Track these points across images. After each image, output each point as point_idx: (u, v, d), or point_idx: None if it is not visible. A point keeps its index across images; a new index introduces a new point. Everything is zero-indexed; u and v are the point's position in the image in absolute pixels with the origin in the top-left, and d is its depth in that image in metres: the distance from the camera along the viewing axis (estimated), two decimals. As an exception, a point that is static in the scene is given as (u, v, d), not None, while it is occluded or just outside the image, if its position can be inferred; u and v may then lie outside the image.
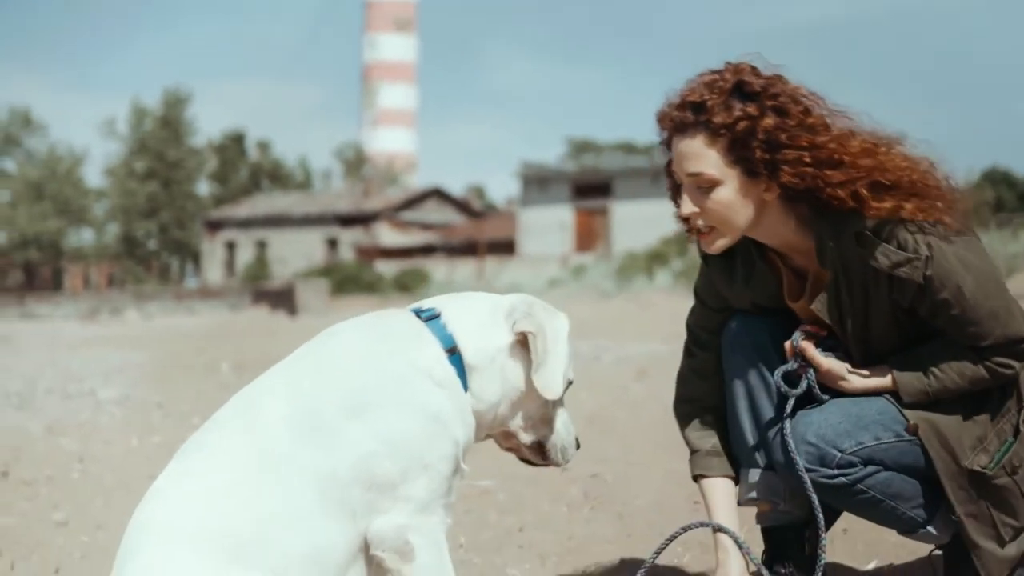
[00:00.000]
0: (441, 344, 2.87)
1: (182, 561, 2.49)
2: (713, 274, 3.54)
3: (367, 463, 2.66)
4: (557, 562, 4.43)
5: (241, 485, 2.60)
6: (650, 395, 10.65)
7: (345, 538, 2.66)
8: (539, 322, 2.91)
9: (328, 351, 2.84)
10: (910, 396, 3.25)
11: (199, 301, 40.75)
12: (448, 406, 2.80)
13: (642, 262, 35.34)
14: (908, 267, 3.17)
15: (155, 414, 10.41)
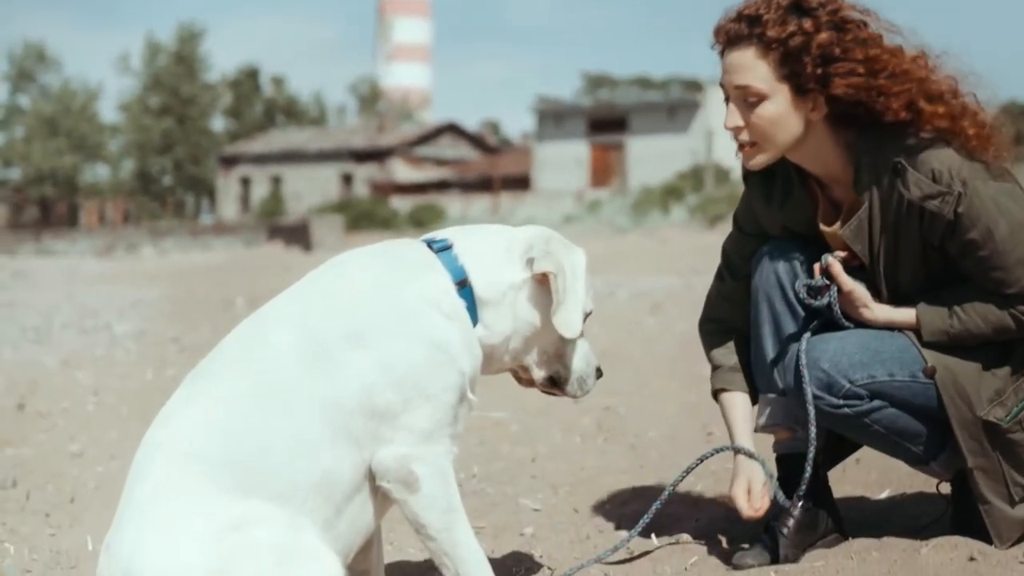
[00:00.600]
0: (451, 276, 2.85)
1: (190, 485, 2.49)
2: (752, 195, 3.53)
3: (369, 392, 2.65)
4: (569, 492, 4.44)
5: (246, 412, 2.60)
6: (664, 329, 10.67)
7: (351, 467, 2.66)
8: (558, 261, 2.88)
9: (334, 280, 2.83)
10: (931, 334, 3.23)
11: (214, 237, 40.81)
12: (455, 337, 2.78)
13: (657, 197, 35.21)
14: (939, 200, 3.14)
15: (170, 348, 10.46)
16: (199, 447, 2.55)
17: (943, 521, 3.50)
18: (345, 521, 2.67)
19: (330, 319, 2.70)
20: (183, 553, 2.41)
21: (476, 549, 2.76)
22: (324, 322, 2.70)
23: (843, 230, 3.28)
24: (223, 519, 2.45)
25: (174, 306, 15.78)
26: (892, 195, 3.21)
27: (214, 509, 2.46)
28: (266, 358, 2.67)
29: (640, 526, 3.48)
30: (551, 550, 3.68)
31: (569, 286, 2.86)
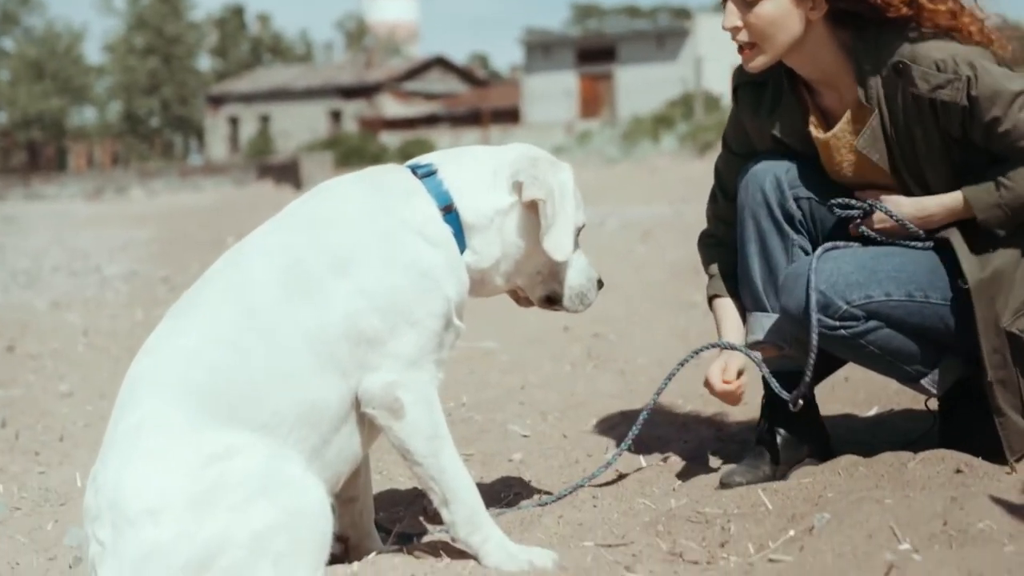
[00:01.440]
0: (436, 202, 2.82)
1: (175, 416, 2.49)
2: (741, 107, 3.50)
3: (354, 319, 2.64)
4: (559, 417, 4.44)
5: (232, 342, 2.59)
6: (654, 256, 10.65)
7: (337, 396, 2.65)
8: (546, 184, 2.85)
9: (318, 208, 2.80)
10: (983, 211, 3.16)
11: (203, 177, 40.59)
12: (440, 263, 2.76)
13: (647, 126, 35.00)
14: (949, 89, 3.11)
15: (160, 288, 10.45)
16: (184, 378, 2.54)
17: (931, 436, 3.51)
18: (333, 450, 2.67)
19: (314, 247, 2.68)
20: (169, 482, 2.40)
21: (463, 474, 2.76)
22: (308, 250, 2.68)
23: (858, 140, 3.25)
24: (208, 449, 2.45)
25: (164, 247, 15.75)
26: (900, 96, 3.17)
27: (199, 439, 2.46)
28: (251, 288, 2.65)
29: (629, 439, 3.46)
30: (540, 475, 3.69)
31: (558, 208, 2.84)
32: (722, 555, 2.79)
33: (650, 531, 2.95)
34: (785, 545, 2.75)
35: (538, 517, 3.15)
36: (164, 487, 2.40)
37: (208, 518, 2.38)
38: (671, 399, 4.57)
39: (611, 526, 3.04)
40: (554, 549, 2.81)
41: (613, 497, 3.31)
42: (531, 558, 2.72)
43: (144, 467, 2.43)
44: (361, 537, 2.98)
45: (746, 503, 3.08)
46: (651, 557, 2.79)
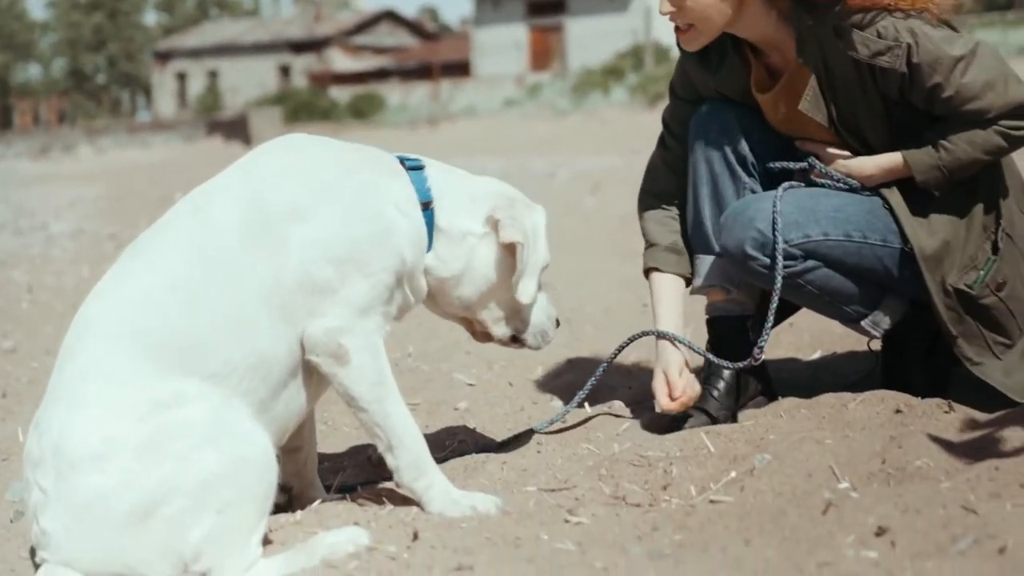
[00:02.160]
0: (416, 193, 2.81)
1: (123, 362, 2.45)
2: (687, 63, 3.50)
3: (309, 268, 2.61)
4: (504, 367, 4.45)
5: (184, 288, 2.54)
6: (604, 207, 10.68)
7: (287, 347, 2.63)
8: (523, 228, 2.85)
9: (292, 154, 2.77)
10: (922, 172, 3.19)
11: (152, 134, 40.24)
12: (404, 228, 2.75)
13: (598, 78, 34.98)
14: (889, 55, 3.12)
15: (107, 245, 10.37)
16: (133, 323, 2.49)
17: (873, 377, 3.54)
18: (281, 403, 2.65)
19: (279, 192, 2.64)
20: (114, 429, 2.37)
21: (408, 420, 2.76)
22: (272, 195, 2.64)
23: (802, 103, 3.25)
24: (156, 396, 2.42)
25: (112, 204, 15.62)
26: (839, 59, 3.18)
27: (147, 386, 2.42)
28: (208, 232, 2.60)
29: (576, 401, 3.49)
30: (485, 423, 3.69)
31: (531, 252, 2.85)
32: (664, 497, 2.80)
33: (593, 475, 2.96)
34: (726, 486, 2.77)
35: (482, 463, 3.16)
36: (110, 433, 2.37)
37: (153, 466, 2.36)
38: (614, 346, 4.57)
39: (554, 471, 3.05)
40: (497, 494, 2.82)
41: (557, 443, 3.32)
42: (474, 503, 2.73)
43: (90, 413, 2.39)
44: (305, 486, 2.97)
45: (689, 446, 3.10)
46: (594, 501, 2.80)
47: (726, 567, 2.21)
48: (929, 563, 2.15)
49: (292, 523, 2.73)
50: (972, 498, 2.43)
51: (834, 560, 2.20)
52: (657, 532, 2.48)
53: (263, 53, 60.02)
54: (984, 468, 2.59)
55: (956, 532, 2.26)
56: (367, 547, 2.47)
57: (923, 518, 2.33)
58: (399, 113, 42.00)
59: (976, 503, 2.39)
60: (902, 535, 2.28)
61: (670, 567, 2.22)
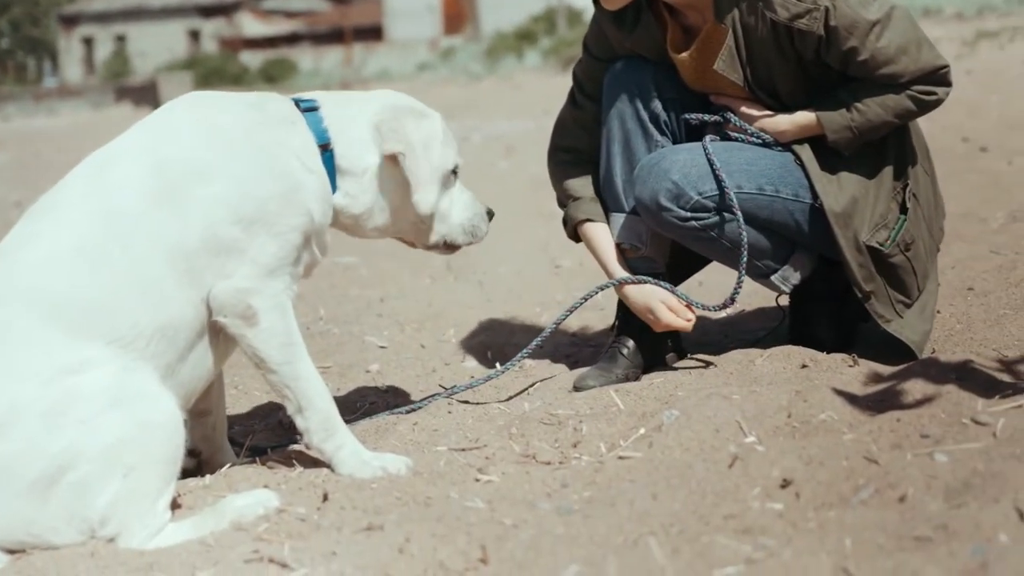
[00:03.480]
0: (315, 137, 2.79)
1: (27, 325, 2.42)
2: (602, 17, 3.47)
3: (215, 228, 2.58)
4: (416, 328, 4.44)
5: (89, 249, 2.51)
6: (517, 169, 10.67)
7: (194, 310, 2.60)
8: (407, 138, 2.82)
9: (193, 114, 2.72)
10: (834, 132, 3.23)
11: (59, 101, 39.52)
12: (311, 185, 2.73)
13: (511, 42, 34.89)
14: (807, 18, 3.14)
15: (13, 213, 10.16)
16: (36, 286, 2.46)
17: (780, 333, 3.58)
18: (188, 366, 2.63)
19: (182, 152, 2.61)
20: (18, 394, 2.34)
21: (317, 381, 2.74)
22: (176, 155, 2.60)
23: (717, 62, 3.26)
24: (61, 361, 2.39)
25: (17, 171, 15.34)
26: (757, 20, 3.19)
27: (51, 351, 2.39)
28: (112, 192, 2.56)
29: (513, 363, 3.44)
30: (396, 384, 3.69)
31: (420, 162, 2.82)
32: (574, 455, 2.82)
33: (503, 434, 2.97)
34: (635, 443, 2.79)
35: (392, 424, 3.16)
36: (13, 399, 2.34)
37: (58, 431, 2.34)
38: (529, 308, 4.60)
39: (465, 431, 3.06)
40: (408, 455, 2.82)
41: (468, 403, 3.33)
42: (384, 464, 2.72)
43: (-7, 378, 2.37)
44: (214, 451, 2.95)
45: (598, 404, 3.12)
46: (504, 459, 2.81)
47: (633, 520, 2.23)
48: (832, 513, 2.19)
49: (201, 487, 2.72)
50: (874, 449, 2.47)
51: (740, 512, 2.23)
52: (566, 489, 2.50)
53: (172, 17, 59.12)
54: (886, 420, 2.64)
55: (858, 482, 2.30)
56: (277, 509, 2.47)
57: (826, 469, 2.38)
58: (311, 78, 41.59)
59: (878, 454, 2.43)
60: (806, 486, 2.32)
61: (578, 522, 2.24)
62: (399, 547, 2.17)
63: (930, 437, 2.49)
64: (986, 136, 8.94)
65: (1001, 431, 2.47)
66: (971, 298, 3.78)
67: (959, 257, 4.52)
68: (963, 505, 2.14)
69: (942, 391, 2.78)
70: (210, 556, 2.25)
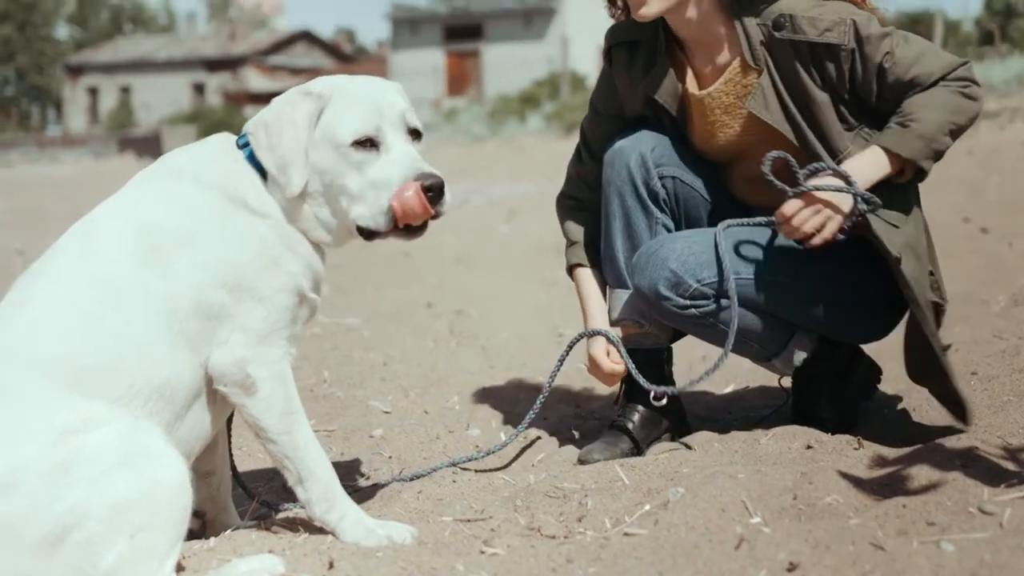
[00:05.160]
0: (256, 171, 2.74)
1: (27, 387, 2.43)
2: (615, 68, 3.51)
3: (201, 293, 2.61)
4: (420, 393, 4.45)
5: (83, 313, 2.54)
6: (518, 234, 10.71)
7: (190, 371, 2.62)
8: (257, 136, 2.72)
9: (157, 182, 2.74)
10: (910, 150, 3.15)
11: (62, 149, 39.72)
12: (270, 237, 2.70)
13: (514, 105, 35.07)
14: (836, 31, 3.17)
15: (15, 260, 10.19)
16: (35, 348, 2.48)
17: (783, 413, 3.60)
18: (186, 426, 2.64)
19: (158, 221, 2.64)
20: (21, 456, 2.34)
21: (317, 451, 2.74)
22: (152, 224, 2.63)
23: (747, 102, 3.28)
24: (63, 421, 2.39)
25: (19, 218, 15.38)
26: (784, 52, 3.22)
27: (53, 411, 2.40)
28: (101, 260, 2.59)
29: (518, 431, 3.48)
30: (400, 451, 3.69)
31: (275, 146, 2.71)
32: (579, 529, 2.82)
33: (508, 506, 2.97)
34: (641, 519, 2.79)
35: (397, 492, 3.16)
36: (15, 460, 2.34)
37: (63, 491, 2.33)
38: (532, 376, 4.61)
39: (470, 501, 3.06)
40: (413, 524, 2.82)
41: (472, 473, 3.33)
42: (390, 533, 2.72)
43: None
44: (218, 512, 2.95)
45: (604, 478, 3.12)
46: (509, 531, 2.81)
47: (640, 600, 2.23)
48: (839, 599, 2.19)
49: (206, 550, 2.71)
50: (880, 535, 2.47)
51: (746, 594, 2.23)
52: (572, 564, 2.49)
53: (177, 70, 59.49)
54: (892, 505, 2.64)
55: (864, 568, 2.30)
56: (282, 575, 2.46)
57: (833, 554, 2.38)
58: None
59: (884, 540, 2.43)
60: (812, 571, 2.32)
61: (585, 600, 2.24)
62: (406, 619, 2.16)
63: (936, 525, 2.49)
64: (987, 217, 8.99)
65: (1008, 522, 2.48)
66: (975, 383, 3.79)
67: (962, 340, 4.53)
68: (970, 596, 2.14)
69: (947, 478, 2.78)
70: (215, 621, 2.24)
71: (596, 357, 3.48)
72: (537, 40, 46.87)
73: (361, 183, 2.73)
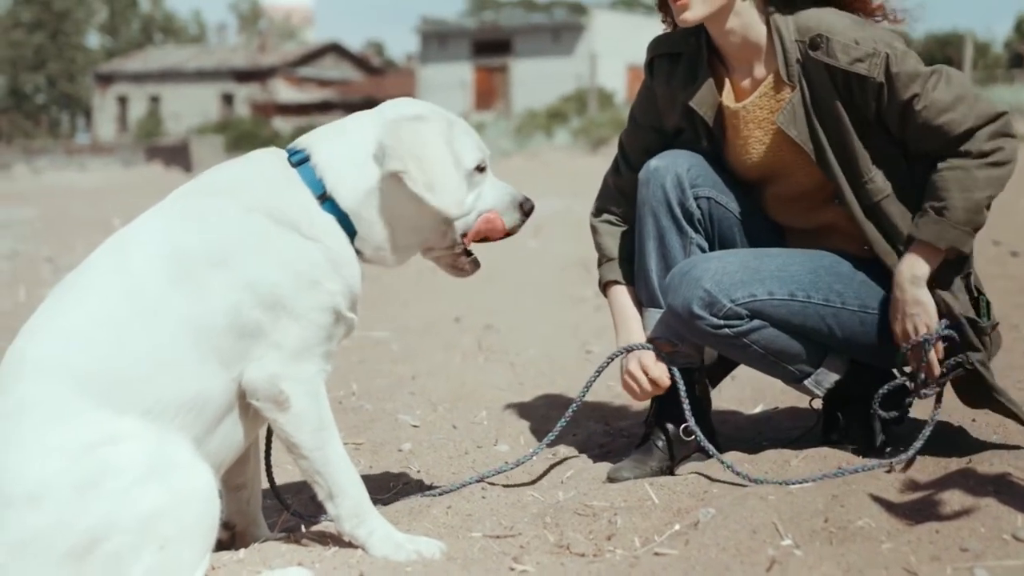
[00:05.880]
0: (311, 190, 2.76)
1: (57, 399, 2.44)
2: (656, 77, 3.51)
3: (237, 312, 2.61)
4: (448, 408, 4.45)
5: (115, 327, 2.54)
6: (545, 250, 10.71)
7: (221, 386, 2.63)
8: (403, 153, 2.74)
9: (197, 200, 2.74)
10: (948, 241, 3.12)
11: (91, 157, 39.91)
12: (318, 259, 2.71)
13: (541, 120, 35.10)
14: (867, 63, 3.16)
15: (45, 268, 10.26)
16: (66, 360, 2.49)
17: (814, 434, 3.58)
18: (216, 440, 2.65)
19: (193, 240, 2.64)
20: (50, 467, 2.36)
21: (348, 467, 2.74)
22: (186, 241, 2.63)
23: (778, 116, 3.28)
24: (92, 433, 2.41)
25: (49, 226, 15.46)
26: (817, 72, 3.21)
27: (82, 423, 2.42)
28: (134, 276, 2.60)
29: (546, 441, 3.46)
30: (429, 465, 3.69)
31: (428, 169, 2.74)
32: (608, 548, 2.81)
33: (538, 523, 2.97)
34: (670, 539, 2.78)
35: (427, 507, 3.16)
36: (45, 471, 2.36)
37: (92, 503, 2.35)
38: (561, 392, 4.61)
39: (499, 517, 3.05)
40: (442, 539, 2.82)
41: (502, 489, 3.33)
42: (419, 548, 2.72)
43: (24, 451, 2.38)
44: (248, 524, 2.96)
45: (633, 497, 3.12)
46: (538, 549, 2.81)
47: (672, 621, 2.22)
48: (872, 623, 2.18)
49: (235, 562, 2.72)
50: (913, 560, 2.46)
51: (778, 617, 2.22)
52: (602, 583, 2.49)
53: (206, 81, 59.76)
54: (924, 530, 2.63)
55: (898, 593, 2.29)
56: (312, 588, 2.46)
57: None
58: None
59: (917, 565, 2.42)
60: (845, 594, 2.31)
61: (616, 619, 2.23)
62: (436, 635, 2.16)
63: (970, 551, 2.48)
64: (1017, 240, 8.95)
65: (1042, 549, 2.47)
66: (1007, 407, 3.77)
67: (993, 365, 4.50)
68: (1005, 623, 2.12)
69: (980, 504, 2.76)
70: (245, 633, 2.25)
71: (636, 370, 3.44)
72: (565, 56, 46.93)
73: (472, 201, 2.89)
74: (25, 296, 8.26)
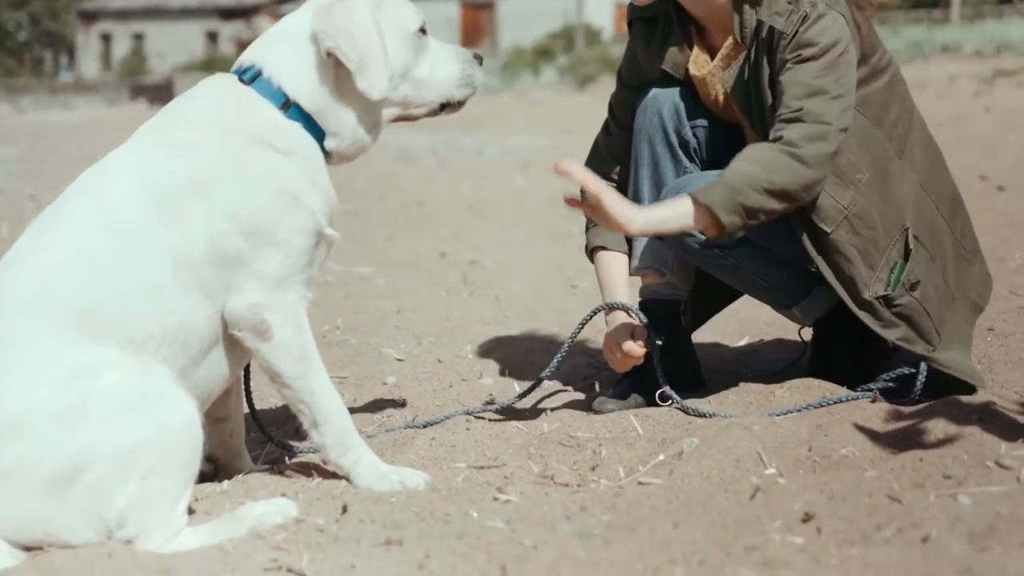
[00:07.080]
0: (272, 103, 2.72)
1: (38, 330, 2.43)
2: (635, 42, 3.49)
3: (217, 241, 2.59)
4: (433, 342, 4.44)
5: (96, 258, 2.52)
6: (531, 187, 10.69)
7: (205, 317, 2.61)
8: (335, 31, 2.70)
9: (164, 132, 2.71)
10: (709, 197, 2.99)
11: (75, 95, 39.64)
12: (295, 174, 2.69)
13: (528, 58, 34.89)
14: (784, 18, 3.10)
15: (27, 205, 10.20)
16: (47, 292, 2.47)
17: (799, 366, 3.58)
18: (202, 372, 2.64)
19: (169, 170, 2.61)
20: (32, 397, 2.35)
21: (333, 395, 2.73)
22: (163, 172, 2.61)
23: (725, 80, 3.27)
24: (74, 363, 2.39)
25: (32, 164, 15.36)
26: (767, 34, 3.16)
27: (64, 354, 2.40)
28: (112, 208, 2.57)
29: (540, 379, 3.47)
30: (413, 398, 3.68)
31: (357, 47, 2.71)
32: (592, 478, 2.82)
33: (522, 454, 2.97)
34: (655, 469, 2.79)
35: (410, 439, 3.15)
36: (27, 401, 2.35)
37: (74, 432, 2.34)
38: (546, 327, 4.60)
39: (483, 448, 3.05)
40: (426, 470, 2.81)
41: (486, 421, 3.33)
42: (403, 479, 2.72)
43: (7, 381, 2.37)
44: (231, 457, 2.96)
45: (617, 428, 3.11)
46: (522, 479, 2.81)
47: (654, 548, 2.22)
48: (854, 550, 2.18)
49: (218, 493, 2.72)
50: (896, 487, 2.46)
51: (761, 544, 2.22)
52: (586, 512, 2.48)
53: (191, 18, 59.26)
54: (908, 458, 2.63)
55: (880, 520, 2.29)
56: (295, 519, 2.46)
57: (848, 506, 2.37)
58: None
59: (900, 492, 2.42)
60: (828, 522, 2.31)
61: (599, 546, 2.23)
62: (419, 563, 2.16)
63: (953, 478, 2.48)
64: (1004, 175, 8.94)
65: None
66: (991, 339, 3.77)
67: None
68: (988, 549, 2.13)
69: (964, 432, 2.77)
70: (228, 563, 2.24)
71: (619, 341, 3.37)
72: (552, -8, 46.60)
73: (429, 67, 2.87)
74: (7, 232, 8.21)
